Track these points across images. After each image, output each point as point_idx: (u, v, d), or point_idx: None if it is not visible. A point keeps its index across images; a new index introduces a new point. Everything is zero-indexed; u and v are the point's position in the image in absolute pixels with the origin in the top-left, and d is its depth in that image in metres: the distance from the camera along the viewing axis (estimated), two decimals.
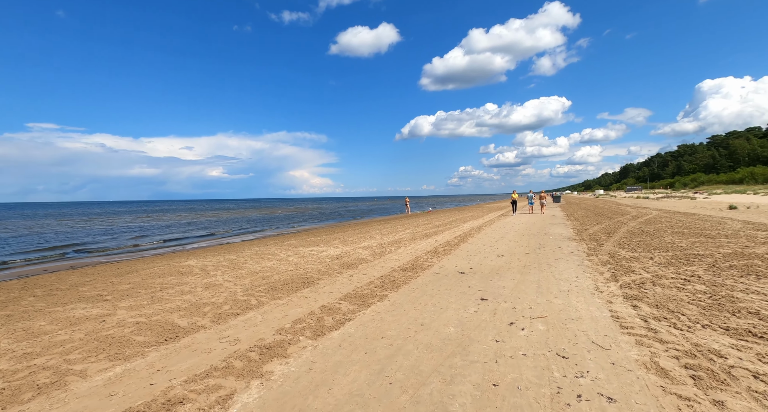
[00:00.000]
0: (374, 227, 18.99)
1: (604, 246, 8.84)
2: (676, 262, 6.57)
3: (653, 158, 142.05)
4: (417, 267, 7.20)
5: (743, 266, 5.94)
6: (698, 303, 4.23)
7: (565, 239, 10.47)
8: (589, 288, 5.14)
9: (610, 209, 25.52)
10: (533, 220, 18.34)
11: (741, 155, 79.03)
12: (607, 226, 13.58)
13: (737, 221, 13.18)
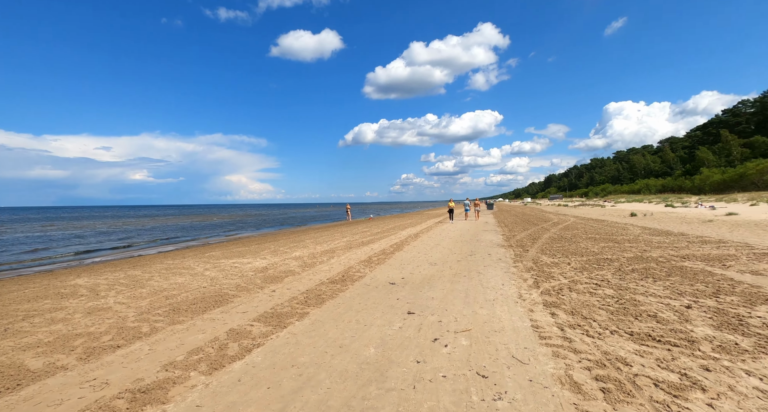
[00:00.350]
0: (311, 235, 18.25)
1: (528, 252, 9.28)
2: (589, 266, 7.03)
3: (571, 170, 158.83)
4: (347, 279, 6.82)
5: (643, 270, 6.51)
6: (607, 308, 4.43)
7: (495, 246, 10.86)
8: (513, 296, 5.19)
9: (535, 216, 27.59)
10: (468, 227, 19.04)
11: (639, 169, 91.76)
12: (533, 232, 14.49)
13: (637, 226, 14.90)
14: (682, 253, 8.01)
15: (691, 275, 5.95)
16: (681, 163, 76.41)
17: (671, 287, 5.21)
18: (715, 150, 64.33)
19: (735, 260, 7.01)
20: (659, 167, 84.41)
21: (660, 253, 8.13)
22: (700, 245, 9.13)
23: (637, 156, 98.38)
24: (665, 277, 5.89)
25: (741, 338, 3.36)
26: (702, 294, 4.80)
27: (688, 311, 4.15)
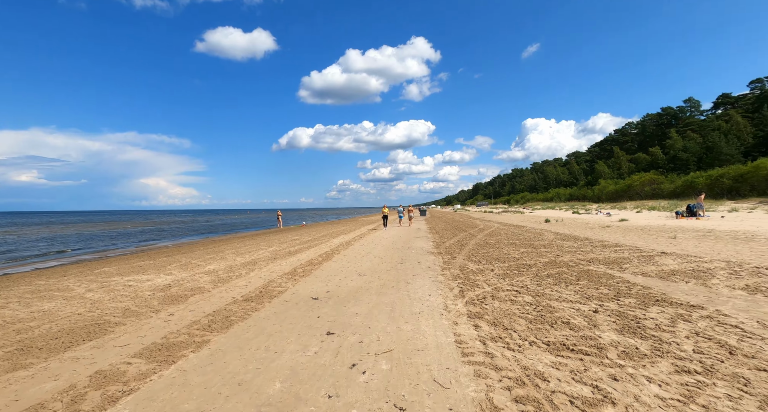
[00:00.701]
0: (233, 244, 16.79)
1: (456, 259, 9.43)
2: (511, 273, 7.28)
3: (495, 179, 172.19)
4: (265, 295, 6.14)
5: (556, 274, 6.91)
6: (526, 316, 4.48)
7: (425, 253, 10.92)
8: (439, 308, 5.05)
9: (464, 222, 28.99)
10: (401, 233, 19.17)
11: (551, 179, 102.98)
12: (461, 238, 15.00)
13: (551, 232, 16.30)
14: (588, 257, 8.77)
15: (596, 278, 6.43)
16: (584, 174, 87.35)
17: (580, 292, 5.53)
18: (610, 164, 74.79)
19: (629, 262, 7.82)
20: (567, 178, 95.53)
21: (570, 257, 8.81)
22: (602, 248, 10.14)
23: (550, 168, 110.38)
24: (575, 281, 6.28)
25: (640, 341, 3.54)
26: (606, 297, 5.14)
27: (595, 316, 4.35)
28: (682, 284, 5.79)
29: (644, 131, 78.23)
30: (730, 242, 10.44)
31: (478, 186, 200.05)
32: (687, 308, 4.52)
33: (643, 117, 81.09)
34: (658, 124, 75.16)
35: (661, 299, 4.95)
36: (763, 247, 9.19)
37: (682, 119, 69.61)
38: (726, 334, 3.62)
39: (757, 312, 4.26)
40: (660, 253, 8.92)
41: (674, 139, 61.11)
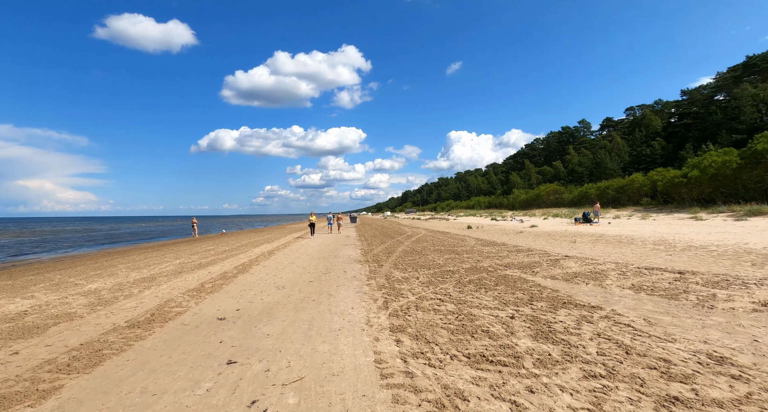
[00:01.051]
0: (131, 257, 14.55)
1: (383, 267, 9.25)
2: (435, 280, 7.29)
3: (423, 187, 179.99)
4: (158, 318, 5.19)
5: (477, 280, 7.09)
6: (448, 326, 4.38)
7: (352, 261, 10.57)
8: (361, 322, 4.72)
9: (393, 229, 29.38)
10: (329, 241, 18.57)
11: (473, 188, 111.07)
12: (389, 246, 14.99)
13: (472, 238, 17.20)
14: (505, 262, 9.28)
15: (512, 283, 6.72)
16: (501, 184, 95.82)
17: (499, 297, 5.67)
18: (522, 175, 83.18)
19: (539, 266, 8.42)
20: (487, 187, 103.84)
21: (489, 263, 9.21)
22: (516, 253, 10.87)
23: (472, 177, 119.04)
24: (494, 286, 6.47)
25: (552, 347, 3.61)
26: (521, 302, 5.32)
27: (512, 322, 4.42)
28: (584, 285, 6.31)
29: (549, 147, 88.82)
30: (617, 245, 12.00)
31: (407, 194, 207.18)
32: (589, 309, 4.86)
33: (548, 134, 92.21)
34: (559, 141, 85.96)
35: (567, 301, 5.28)
36: (641, 249, 10.69)
37: (578, 138, 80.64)
38: (621, 333, 3.90)
39: (643, 310, 4.73)
40: (564, 256, 9.82)
41: (572, 154, 70.36)
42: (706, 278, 6.34)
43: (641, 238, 13.56)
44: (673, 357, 3.24)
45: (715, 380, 2.79)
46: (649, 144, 55.31)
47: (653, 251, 10.22)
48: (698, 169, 30.36)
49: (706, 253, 9.30)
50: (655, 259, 8.79)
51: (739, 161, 27.24)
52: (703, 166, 30.01)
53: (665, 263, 8.20)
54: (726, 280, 6.14)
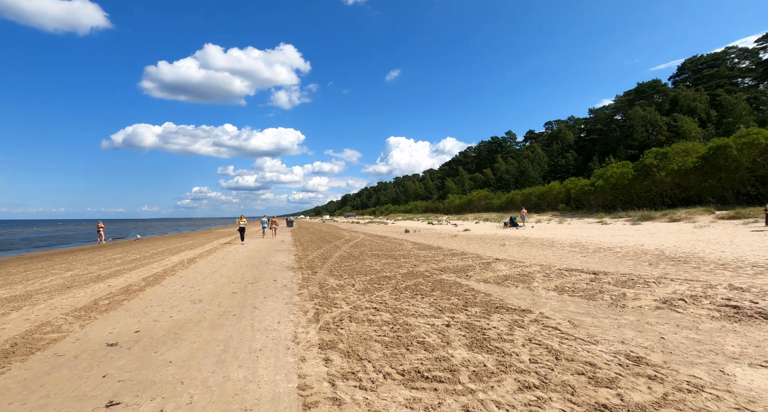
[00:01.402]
0: (6, 269, 12.03)
1: (317, 274, 8.73)
2: (371, 287, 7.00)
3: (363, 191, 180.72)
4: (21, 349, 4.12)
5: (414, 286, 6.96)
6: (383, 339, 4.09)
7: (284, 269, 9.86)
8: (287, 339, 4.22)
9: (331, 233, 28.70)
10: (261, 246, 17.38)
11: (411, 192, 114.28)
12: (326, 251, 14.42)
13: (409, 242, 17.36)
14: (441, 265, 9.35)
15: (447, 287, 6.70)
16: (437, 189, 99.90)
17: (435, 304, 5.56)
18: (456, 181, 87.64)
19: (473, 269, 8.61)
20: (424, 192, 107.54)
21: (426, 267, 9.21)
22: (451, 257, 11.09)
23: (410, 182, 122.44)
24: (430, 292, 6.38)
25: (487, 356, 3.51)
26: (456, 308, 5.26)
27: (448, 331, 4.28)
28: (514, 288, 6.50)
29: (480, 155, 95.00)
30: (540, 247, 12.92)
31: (347, 197, 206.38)
32: (519, 312, 4.94)
33: (479, 143, 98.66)
34: (489, 149, 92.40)
35: (500, 305, 5.33)
36: (560, 251, 11.61)
37: (505, 147, 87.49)
38: (550, 337, 3.96)
39: (567, 312, 4.94)
40: (495, 259, 10.23)
41: (500, 163, 76.01)
42: (616, 278, 6.94)
43: (560, 241, 14.81)
44: (597, 360, 3.31)
45: (636, 383, 2.86)
46: (564, 155, 61.89)
47: (570, 252, 11.14)
48: (603, 179, 34.62)
49: (612, 254, 10.36)
50: (572, 260, 9.54)
51: (633, 173, 31.60)
52: (606, 176, 34.29)
53: (581, 264, 8.92)
54: (632, 279, 6.78)
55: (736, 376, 2.90)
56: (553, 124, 77.44)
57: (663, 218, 22.84)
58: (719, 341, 3.67)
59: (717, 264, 7.94)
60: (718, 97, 43.10)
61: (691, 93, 46.27)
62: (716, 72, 49.79)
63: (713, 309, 4.72)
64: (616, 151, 48.33)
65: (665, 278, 6.80)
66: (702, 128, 40.25)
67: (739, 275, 6.75)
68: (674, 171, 28.19)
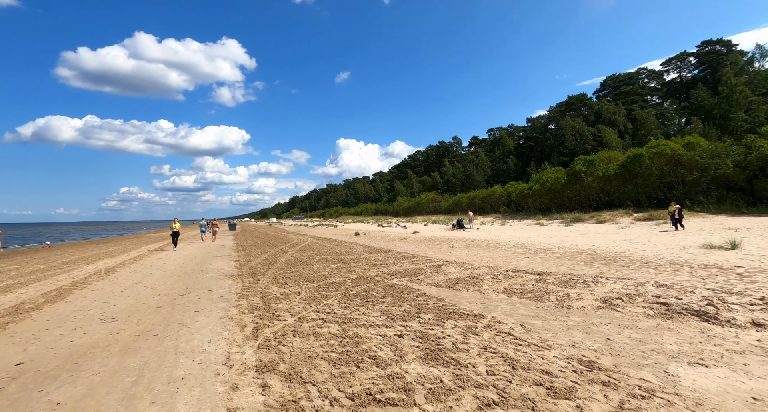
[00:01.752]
0: None
1: (260, 282, 8.03)
2: (319, 295, 6.52)
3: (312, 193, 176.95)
4: None
5: (364, 292, 6.61)
6: (330, 356, 3.68)
7: (223, 277, 8.97)
8: (218, 362, 3.64)
9: (277, 236, 27.37)
10: (198, 252, 15.89)
11: (360, 195, 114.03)
12: (271, 256, 13.54)
13: (360, 245, 17.00)
14: (391, 269, 9.12)
15: (399, 293, 6.45)
16: (387, 192, 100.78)
17: (386, 311, 5.26)
18: (405, 184, 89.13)
19: (424, 273, 8.49)
20: (374, 194, 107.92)
21: (376, 271, 8.91)
22: (402, 260, 10.93)
23: (360, 185, 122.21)
24: (381, 299, 6.07)
25: (443, 370, 3.27)
26: (409, 316, 5.00)
27: (401, 342, 3.99)
28: (465, 292, 6.44)
29: (428, 159, 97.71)
30: (486, 249, 13.30)
31: (295, 199, 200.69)
32: (472, 318, 4.81)
33: (427, 147, 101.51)
34: (437, 154, 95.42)
35: (452, 311, 5.18)
36: (505, 252, 12.02)
37: (452, 152, 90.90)
38: (505, 344, 3.84)
39: (518, 315, 4.92)
40: (445, 262, 10.25)
41: (447, 167, 78.76)
42: (559, 278, 7.21)
43: (503, 242, 15.42)
44: (552, 367, 3.22)
45: (592, 391, 2.79)
46: (505, 161, 65.80)
47: (514, 253, 11.57)
48: (539, 183, 37.22)
49: (552, 254, 10.92)
50: (517, 261, 9.86)
51: (565, 178, 34.37)
52: (542, 181, 36.93)
53: (525, 265, 9.23)
54: (572, 279, 7.08)
55: (680, 376, 2.95)
56: (495, 131, 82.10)
57: (591, 219, 25.03)
58: (658, 339, 3.81)
59: (642, 263, 8.65)
60: (633, 112, 48.73)
61: (612, 107, 51.78)
62: (631, 89, 56.34)
63: (647, 307, 4.99)
64: (550, 157, 52.41)
65: (601, 277, 7.20)
66: (621, 139, 45.14)
67: (661, 273, 7.37)
68: (599, 177, 31.13)
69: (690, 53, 53.52)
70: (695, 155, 25.05)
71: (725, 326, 4.07)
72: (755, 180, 22.46)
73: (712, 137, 30.78)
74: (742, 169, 23.05)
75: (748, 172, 22.82)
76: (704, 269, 7.43)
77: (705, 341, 3.70)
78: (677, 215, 15.97)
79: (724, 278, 6.58)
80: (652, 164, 26.93)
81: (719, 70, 45.31)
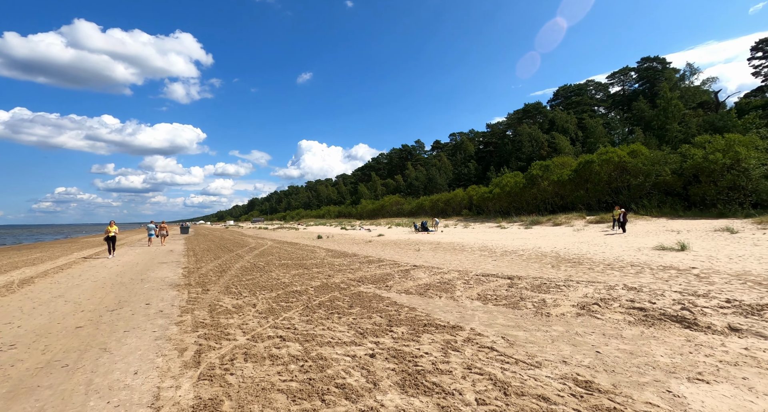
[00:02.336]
0: None
1: (209, 293, 7.10)
2: (277, 307, 5.80)
3: (272, 195, 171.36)
4: None
5: (329, 302, 5.97)
6: (290, 386, 3.05)
7: (166, 287, 7.90)
8: (141, 406, 2.87)
9: (234, 240, 25.73)
10: (141, 258, 14.28)
11: (323, 197, 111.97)
12: (225, 261, 12.41)
13: (323, 249, 16.21)
14: (358, 275, 8.53)
15: (367, 302, 5.89)
16: (350, 194, 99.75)
17: (355, 325, 4.68)
18: (369, 186, 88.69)
19: (392, 278, 7.99)
20: (337, 197, 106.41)
21: (341, 278, 8.28)
22: (368, 265, 10.37)
23: (322, 187, 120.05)
24: (348, 309, 5.48)
25: (425, 400, 2.76)
26: (380, 330, 4.46)
27: (373, 364, 3.44)
28: (437, 299, 6.01)
29: (392, 162, 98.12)
30: (453, 252, 13.10)
31: (255, 202, 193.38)
32: (450, 330, 4.37)
33: (391, 150, 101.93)
34: (400, 157, 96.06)
35: (427, 322, 4.71)
36: (472, 255, 11.86)
37: (415, 155, 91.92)
38: (490, 363, 3.42)
39: (497, 326, 4.55)
40: (413, 266, 9.83)
41: (410, 170, 79.43)
42: (530, 283, 7.02)
43: (469, 245, 15.37)
44: (548, 391, 2.83)
45: None
46: (466, 165, 67.50)
47: (481, 256, 11.44)
48: (499, 187, 38.36)
49: (518, 257, 10.90)
50: (486, 265, 9.67)
51: (524, 182, 35.66)
52: (502, 185, 38.08)
53: (494, 268, 9.04)
54: (544, 283, 6.92)
55: (687, 397, 2.67)
56: (457, 136, 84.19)
57: (548, 222, 26.00)
58: (648, 351, 3.57)
59: (605, 265, 8.77)
60: (584, 121, 51.97)
61: (564, 115, 54.91)
62: (581, 99, 60.14)
63: (625, 313, 4.84)
64: (509, 162, 54.45)
65: (571, 280, 7.11)
66: (573, 145, 47.88)
67: (626, 275, 7.43)
68: (554, 181, 32.60)
69: (631, 68, 58.22)
70: (639, 162, 26.91)
71: (708, 334, 3.95)
72: (690, 186, 24.52)
73: (652, 146, 33.37)
74: (679, 175, 25.09)
75: (684, 178, 24.88)
76: (664, 271, 7.61)
77: (694, 351, 3.51)
78: (622, 218, 16.86)
79: (685, 279, 6.71)
80: (601, 170, 28.59)
81: (656, 84, 49.63)
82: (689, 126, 34.74)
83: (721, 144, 23.20)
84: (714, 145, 23.43)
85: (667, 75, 48.05)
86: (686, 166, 24.62)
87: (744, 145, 22.46)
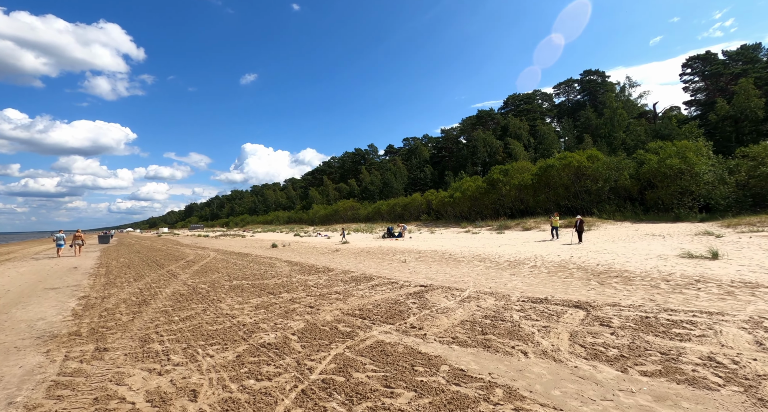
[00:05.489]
0: None
1: (106, 356, 4.08)
2: (243, 397, 3.06)
3: (213, 200, 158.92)
4: None
5: (339, 375, 3.36)
6: None
7: (27, 345, 4.64)
8: None
9: (167, 251, 21.33)
10: (23, 279, 10.14)
11: (271, 202, 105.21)
12: (150, 283, 8.98)
13: (283, 261, 13.18)
14: (354, 304, 5.92)
15: (409, 372, 3.38)
16: (300, 199, 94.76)
17: None
18: (320, 191, 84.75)
19: (410, 312, 5.52)
20: (286, 202, 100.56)
21: (332, 310, 5.62)
22: (356, 284, 7.76)
23: (269, 191, 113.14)
24: (386, 398, 2.93)
25: None
26: None
27: None
28: (521, 357, 3.68)
29: (344, 166, 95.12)
30: (446, 263, 10.92)
31: (193, 207, 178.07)
32: None
33: (343, 154, 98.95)
34: (353, 161, 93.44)
35: None
36: (476, 268, 9.76)
37: (368, 159, 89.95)
38: None
39: None
40: (420, 286, 7.41)
41: (364, 174, 77.17)
42: (625, 315, 5.02)
43: (457, 253, 13.38)
44: None
45: None
46: (422, 169, 66.97)
47: (488, 268, 9.41)
48: (460, 191, 37.57)
49: (533, 268, 9.04)
50: (509, 281, 7.61)
51: (486, 186, 35.16)
52: (463, 189, 37.33)
53: (529, 287, 7.00)
54: (645, 316, 4.94)
55: None
56: (411, 141, 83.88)
57: (517, 226, 25.22)
58: None
59: (662, 280, 7.13)
60: (536, 127, 53.85)
61: (517, 122, 56.60)
62: (531, 108, 62.70)
63: None
64: (465, 167, 54.59)
65: (694, 312, 5.23)
66: (526, 151, 49.15)
67: (698, 297, 5.77)
68: (516, 186, 32.39)
69: (575, 80, 62.04)
70: (597, 167, 27.36)
71: None
72: (646, 191, 25.29)
73: (604, 152, 34.78)
74: (637, 180, 25.82)
75: (641, 183, 25.64)
76: (732, 287, 6.09)
77: None
78: (579, 227, 15.31)
79: (746, 297, 5.15)
80: (561, 174, 28.72)
81: (597, 96, 53.05)
82: (638, 134, 36.81)
83: (673, 150, 24.15)
84: (667, 151, 24.34)
85: (607, 87, 51.56)
86: (642, 171, 25.39)
87: (693, 152, 23.54)
